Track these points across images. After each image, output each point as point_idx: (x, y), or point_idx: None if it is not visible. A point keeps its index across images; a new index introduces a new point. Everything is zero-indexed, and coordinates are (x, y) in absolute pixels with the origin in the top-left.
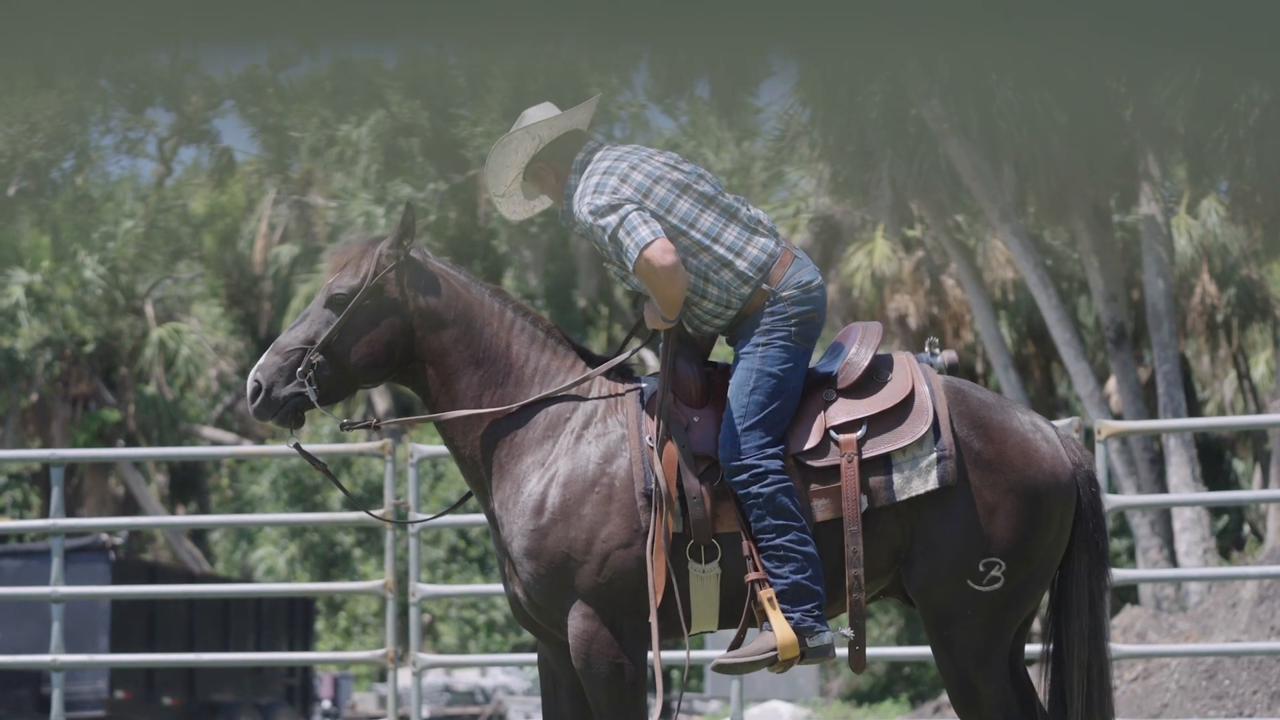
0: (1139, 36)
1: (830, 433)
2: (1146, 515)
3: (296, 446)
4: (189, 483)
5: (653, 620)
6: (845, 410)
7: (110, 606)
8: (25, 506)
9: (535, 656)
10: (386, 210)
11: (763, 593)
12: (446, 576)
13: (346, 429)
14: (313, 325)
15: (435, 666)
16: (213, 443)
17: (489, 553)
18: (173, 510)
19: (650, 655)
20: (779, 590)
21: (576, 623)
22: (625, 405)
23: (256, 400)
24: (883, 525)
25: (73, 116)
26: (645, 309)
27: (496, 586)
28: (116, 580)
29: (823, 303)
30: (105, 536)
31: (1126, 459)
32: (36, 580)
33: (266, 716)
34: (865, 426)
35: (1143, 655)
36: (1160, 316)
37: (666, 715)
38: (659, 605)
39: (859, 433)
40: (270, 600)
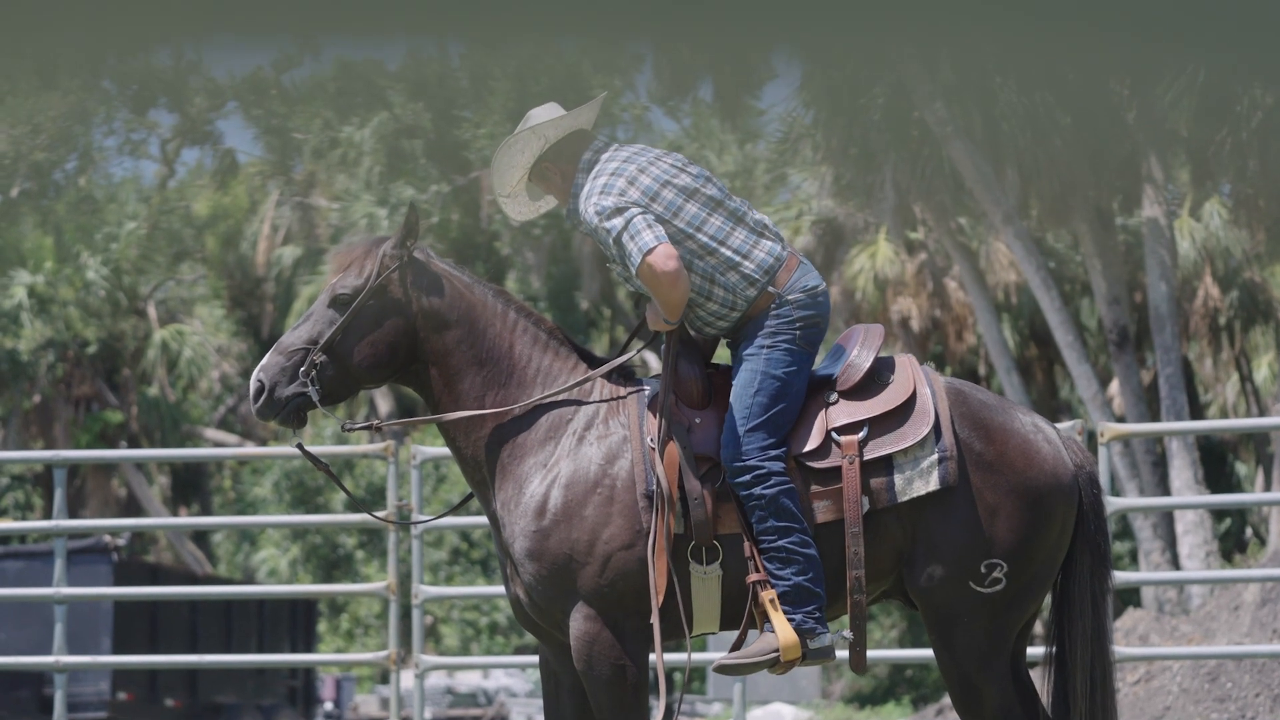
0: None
1: (832, 434)
2: (1149, 518)
3: (299, 447)
4: (191, 484)
5: (654, 621)
6: (847, 412)
7: (112, 608)
8: (28, 508)
9: (537, 658)
10: (389, 212)
11: (764, 594)
12: (449, 578)
13: (348, 430)
14: (316, 325)
15: (437, 668)
16: (215, 444)
17: (491, 555)
18: (175, 512)
19: (653, 657)
20: (781, 592)
21: (578, 624)
22: (627, 407)
23: (259, 400)
24: (884, 527)
25: (76, 118)
26: (647, 310)
27: (499, 588)
28: (119, 582)
29: (827, 308)
30: (108, 538)
31: (1129, 461)
32: (39, 582)
33: (268, 718)
34: (867, 428)
35: (1145, 658)
36: (1163, 319)
37: (669, 717)
38: (660, 606)
39: (860, 434)
40: (272, 602)
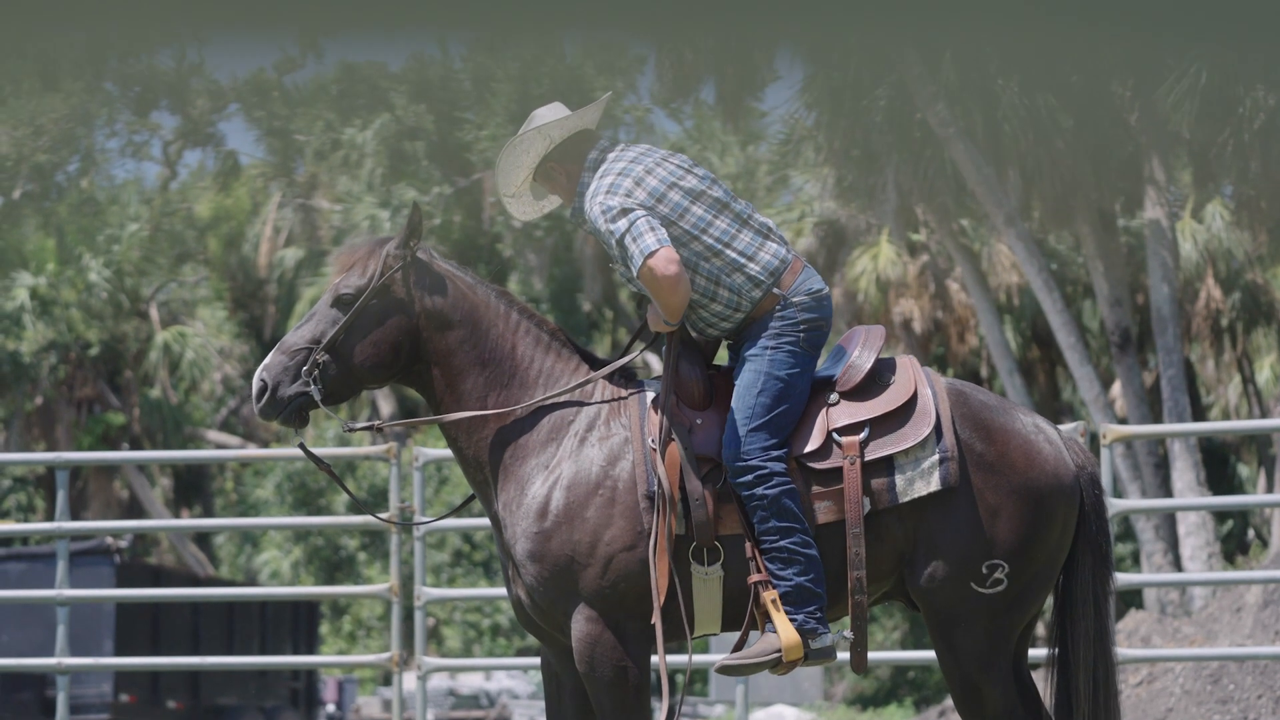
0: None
1: (833, 435)
2: (1151, 519)
3: (301, 447)
4: (194, 486)
5: (656, 621)
6: (848, 413)
7: (115, 610)
8: (30, 510)
9: (539, 660)
10: (392, 214)
11: (766, 594)
12: (451, 580)
13: (349, 431)
14: (319, 325)
15: (440, 670)
16: (217, 446)
17: (494, 556)
18: (177, 514)
19: (655, 659)
20: (783, 592)
21: (580, 626)
22: (628, 408)
23: (262, 400)
24: (885, 528)
25: (78, 119)
26: (648, 311)
27: (501, 590)
28: (121, 583)
29: (830, 312)
30: (110, 540)
31: (1131, 463)
32: (41, 583)
33: None
34: (868, 429)
35: (1147, 660)
36: (1165, 321)
37: (671, 719)
38: (661, 608)
39: (862, 435)
40: (275, 604)
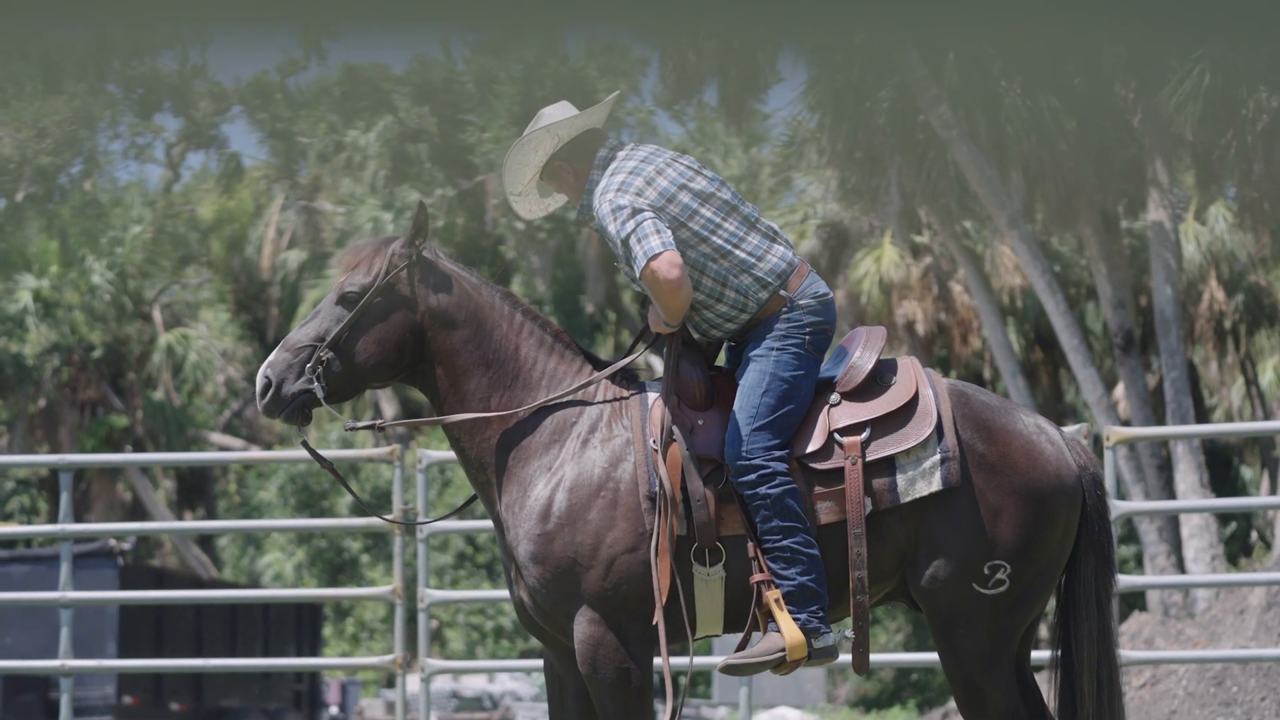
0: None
1: (834, 435)
2: (1154, 521)
3: (304, 445)
4: (196, 488)
5: (658, 621)
6: (849, 413)
7: (118, 612)
8: (33, 512)
9: (542, 662)
10: (395, 216)
11: (769, 594)
12: (454, 582)
13: (350, 430)
14: (323, 322)
15: (443, 672)
16: (220, 448)
17: (496, 559)
18: (180, 516)
19: (658, 660)
20: (786, 592)
21: (583, 628)
22: (630, 409)
23: (265, 396)
24: (887, 528)
25: (81, 122)
26: (649, 312)
27: (504, 592)
28: (124, 585)
29: (835, 317)
30: (113, 542)
31: (1134, 465)
32: (44, 585)
33: None
34: (869, 429)
35: (1150, 662)
36: (1168, 323)
37: None
38: (663, 609)
39: (863, 435)
40: (278, 606)
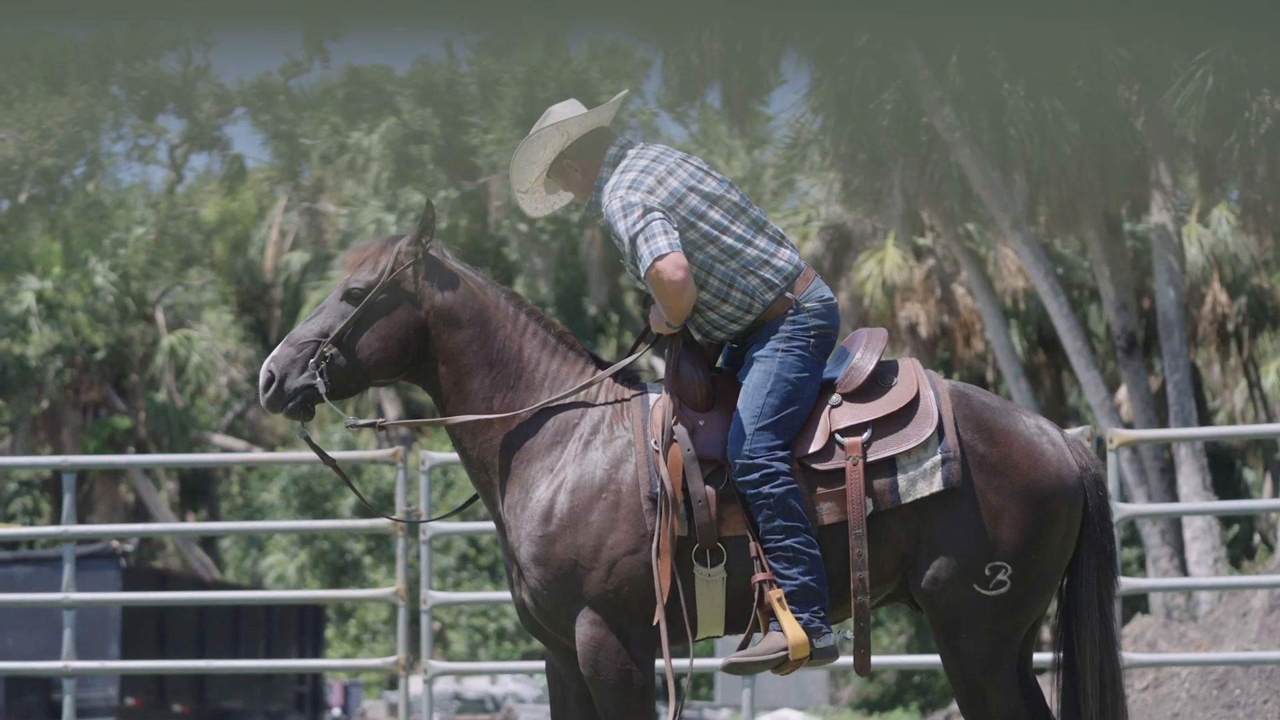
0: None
1: (835, 436)
2: (1157, 524)
3: (306, 440)
4: (199, 490)
5: (660, 620)
6: (850, 414)
7: (120, 613)
8: (36, 513)
9: (544, 664)
10: (398, 217)
11: (771, 593)
12: (457, 584)
13: (351, 427)
14: (328, 318)
15: (446, 674)
16: (223, 450)
17: (499, 560)
18: (183, 517)
19: (660, 663)
20: (788, 591)
21: (584, 629)
22: (631, 411)
23: (268, 390)
24: (888, 529)
25: (84, 123)
26: (651, 312)
27: (506, 594)
28: (127, 587)
29: (839, 322)
30: (116, 543)
31: (1137, 468)
32: (47, 587)
33: None
34: (870, 430)
35: (1153, 664)
36: (1171, 325)
37: None
38: (664, 609)
39: (864, 436)
40: (280, 607)
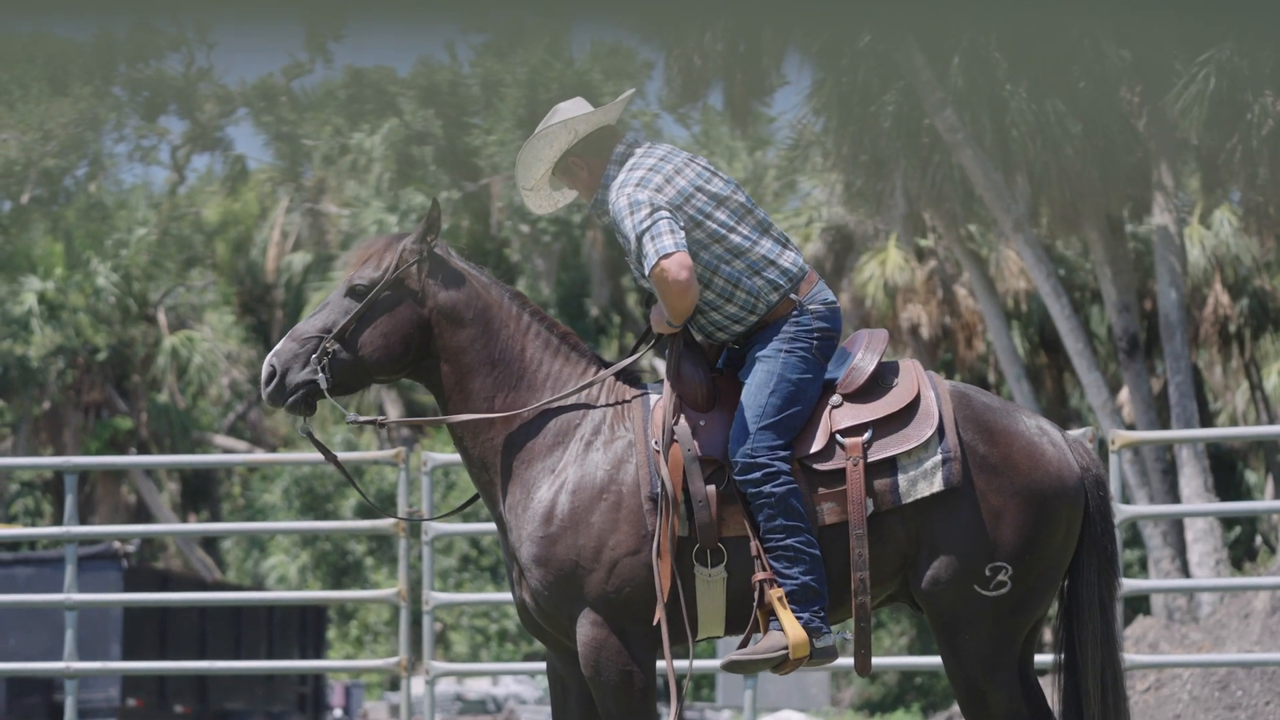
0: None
1: (836, 437)
2: (1159, 526)
3: (308, 434)
4: (201, 491)
5: (660, 618)
6: (851, 414)
7: (122, 614)
8: (37, 514)
9: (545, 665)
10: (399, 218)
11: (772, 592)
12: (458, 585)
13: (351, 423)
14: (331, 314)
15: (447, 675)
16: (225, 451)
17: (501, 562)
18: (184, 518)
19: (662, 664)
20: (788, 591)
21: (585, 630)
22: (632, 411)
23: (270, 385)
24: (889, 529)
25: (86, 124)
26: (653, 312)
27: (508, 595)
28: (128, 588)
29: (841, 326)
30: (117, 544)
31: (1139, 469)
32: (49, 588)
33: None
34: (871, 430)
35: (1155, 665)
36: (1173, 327)
37: None
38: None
39: (864, 436)
40: (282, 608)
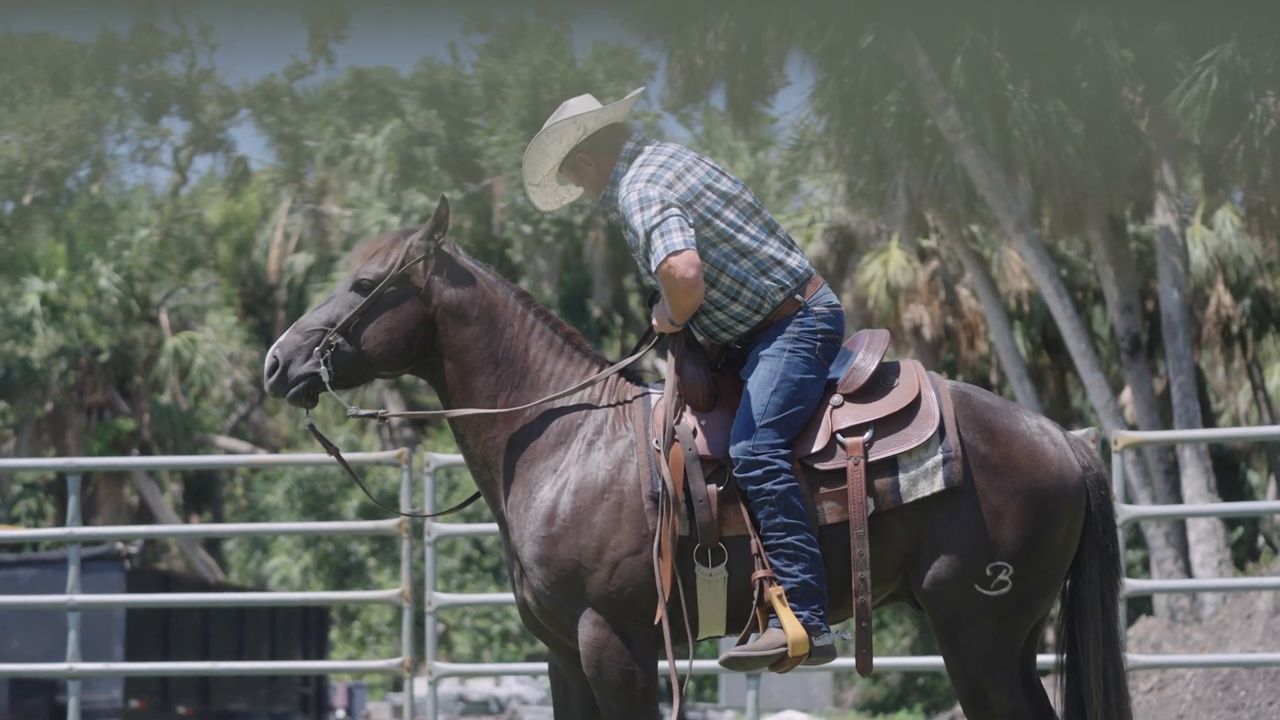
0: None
1: (837, 436)
2: (1161, 526)
3: (311, 428)
4: (203, 492)
5: (662, 617)
6: (851, 414)
7: (125, 615)
8: (40, 516)
9: (546, 665)
10: (402, 219)
11: (771, 589)
12: (461, 586)
13: (352, 417)
14: (336, 308)
15: (451, 675)
16: (227, 452)
17: (503, 563)
18: (187, 519)
19: (664, 664)
20: (788, 589)
21: (587, 630)
22: (634, 411)
23: (272, 376)
24: (889, 528)
25: (89, 125)
26: (656, 310)
27: (510, 596)
28: (131, 589)
29: (844, 329)
30: (120, 545)
31: (1141, 470)
32: (52, 589)
33: None
34: (871, 430)
35: (1158, 666)
36: (1175, 327)
37: None
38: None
39: (865, 436)
40: (285, 609)
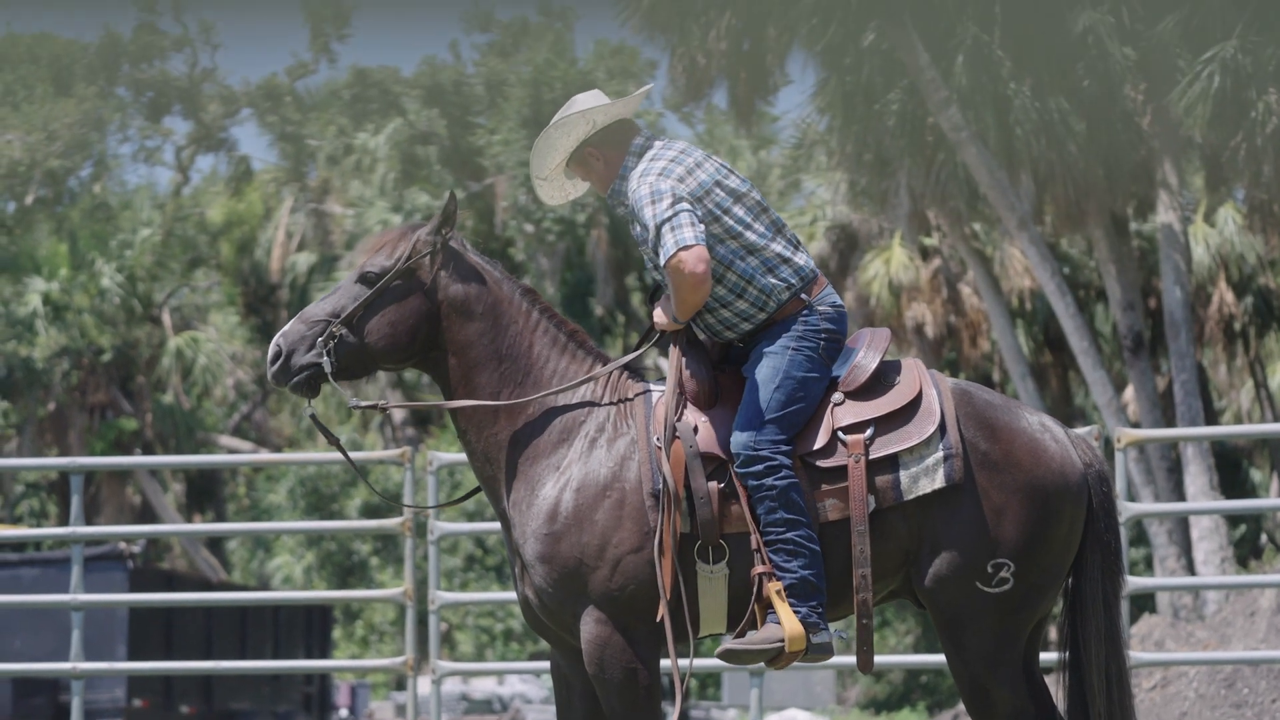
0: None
1: (838, 434)
2: (1164, 524)
3: (312, 418)
4: (206, 491)
5: (664, 614)
6: (852, 412)
7: (128, 615)
8: (42, 515)
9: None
10: (404, 218)
11: (770, 585)
12: (464, 585)
13: (353, 408)
14: (340, 299)
15: (453, 674)
16: (230, 451)
17: (506, 561)
18: (189, 519)
19: (666, 663)
20: (787, 585)
21: (589, 628)
22: (635, 409)
23: (275, 365)
24: (890, 525)
25: (91, 125)
26: (658, 306)
27: (513, 595)
28: (134, 588)
29: (847, 330)
30: (123, 545)
31: (1144, 468)
32: (54, 588)
33: None
34: (872, 427)
35: (1161, 663)
36: (1177, 325)
37: None
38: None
39: (866, 433)
40: (288, 608)
